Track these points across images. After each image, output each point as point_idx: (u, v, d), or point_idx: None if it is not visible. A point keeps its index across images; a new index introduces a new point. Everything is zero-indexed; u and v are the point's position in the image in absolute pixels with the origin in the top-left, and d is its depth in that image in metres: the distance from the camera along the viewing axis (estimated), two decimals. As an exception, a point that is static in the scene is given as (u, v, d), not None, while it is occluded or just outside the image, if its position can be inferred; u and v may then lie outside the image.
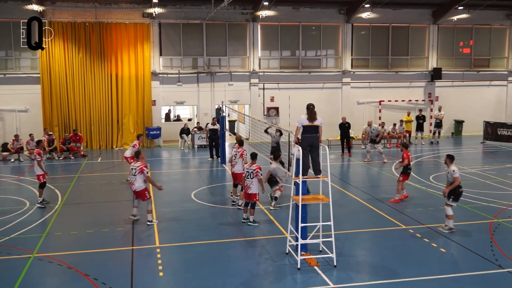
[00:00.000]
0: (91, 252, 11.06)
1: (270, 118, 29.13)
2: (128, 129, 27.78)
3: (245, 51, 29.59)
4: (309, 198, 10.67)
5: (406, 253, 10.92)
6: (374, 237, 12.19)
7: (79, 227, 12.89)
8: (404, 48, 31.50)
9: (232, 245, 11.42)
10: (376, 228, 12.74)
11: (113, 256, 10.82)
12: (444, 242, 11.59)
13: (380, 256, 10.77)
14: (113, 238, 11.94)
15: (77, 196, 16.40)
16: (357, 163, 22.65)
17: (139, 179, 12.83)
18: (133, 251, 11.01)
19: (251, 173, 12.68)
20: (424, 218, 13.42)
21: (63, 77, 26.68)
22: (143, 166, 12.87)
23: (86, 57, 26.91)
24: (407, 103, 31.27)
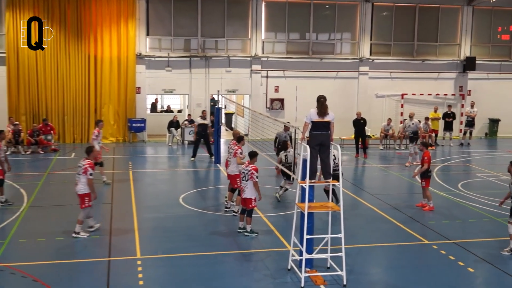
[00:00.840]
0: (61, 263, 11.07)
1: (274, 112, 29.16)
2: (108, 120, 27.79)
3: (246, 33, 29.60)
4: (317, 206, 10.69)
5: (428, 273, 10.94)
6: (391, 252, 12.21)
7: (47, 233, 12.91)
8: (432, 33, 31.51)
9: (226, 259, 11.44)
10: (394, 242, 12.76)
11: (86, 268, 10.83)
12: (473, 261, 11.61)
13: (397, 275, 10.80)
14: (87, 247, 11.97)
15: (46, 197, 16.43)
16: (373, 166, 22.68)
17: (82, 180, 12.53)
18: (109, 263, 11.04)
19: (246, 174, 12.73)
20: (451, 232, 13.44)
21: (32, 58, 26.70)
22: (89, 166, 12.54)
23: (60, 35, 26.91)
24: (434, 98, 31.29)
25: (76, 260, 11.20)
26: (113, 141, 27.82)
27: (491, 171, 21.48)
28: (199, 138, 23.06)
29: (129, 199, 16.31)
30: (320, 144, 10.62)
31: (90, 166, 12.52)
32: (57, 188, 17.79)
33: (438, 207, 15.84)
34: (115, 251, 11.74)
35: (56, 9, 26.71)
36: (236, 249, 12.07)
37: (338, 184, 10.48)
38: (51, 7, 26.64)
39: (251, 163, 12.91)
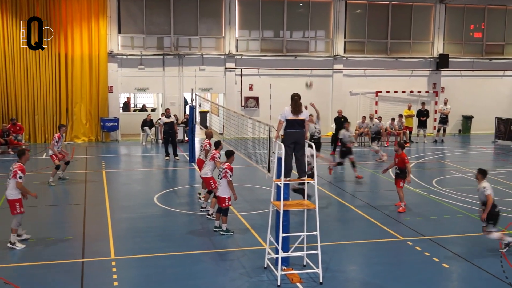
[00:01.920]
0: (32, 265, 10.97)
1: (248, 110, 29.19)
2: (80, 119, 27.56)
3: (220, 30, 29.57)
4: (292, 204, 10.76)
5: (404, 269, 11.09)
6: (366, 249, 12.33)
7: (18, 235, 12.76)
8: (406, 30, 31.86)
9: (201, 258, 11.44)
10: (369, 239, 12.90)
11: (59, 270, 10.74)
12: (447, 256, 11.79)
13: (373, 272, 10.91)
14: (59, 249, 11.86)
15: (16, 198, 16.20)
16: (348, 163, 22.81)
17: (11, 185, 11.93)
18: (83, 264, 10.97)
19: (221, 172, 12.77)
20: (425, 229, 13.63)
21: (1, 56, 26.30)
22: (18, 169, 11.94)
23: (29, 33, 26.56)
24: (408, 95, 31.64)
25: (49, 262, 11.09)
26: (85, 141, 27.58)
27: (465, 167, 21.81)
28: (167, 137, 22.94)
29: (102, 200, 16.20)
30: (294, 142, 10.69)
31: (20, 169, 11.92)
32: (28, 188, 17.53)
33: (412, 204, 16.03)
34: (89, 252, 11.66)
35: (24, 5, 26.30)
36: (212, 248, 12.08)
37: (313, 182, 10.56)
38: (19, 3, 26.23)
39: (227, 162, 12.93)
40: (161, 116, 27.42)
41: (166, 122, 22.88)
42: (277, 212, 10.46)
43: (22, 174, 11.96)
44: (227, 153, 13.26)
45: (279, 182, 10.25)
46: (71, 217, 14.56)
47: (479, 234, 12.66)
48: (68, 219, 14.40)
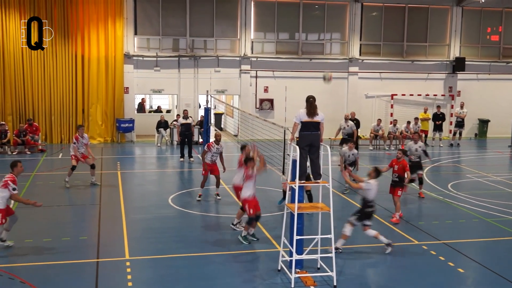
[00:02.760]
0: (48, 264, 11.04)
1: (263, 112, 29.19)
2: (95, 120, 27.73)
3: (235, 32, 29.62)
4: (307, 207, 10.74)
5: (418, 274, 11.02)
6: (381, 253, 12.26)
7: (34, 234, 12.86)
8: (422, 33, 31.70)
9: (215, 260, 11.46)
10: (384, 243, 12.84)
11: (74, 270, 10.81)
12: (463, 261, 11.71)
13: (388, 276, 10.87)
14: (75, 249, 11.93)
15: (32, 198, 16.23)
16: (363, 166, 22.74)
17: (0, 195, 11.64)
18: (98, 264, 11.03)
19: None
20: (441, 233, 13.54)
21: (19, 57, 26.53)
22: (9, 180, 11.71)
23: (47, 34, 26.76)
24: (423, 98, 31.47)
25: (64, 262, 11.17)
26: (101, 142, 27.74)
27: (481, 171, 21.64)
28: (184, 138, 23.02)
29: (117, 200, 16.28)
30: (309, 144, 10.68)
31: (11, 180, 11.70)
32: (44, 189, 17.72)
33: (428, 208, 15.95)
34: (103, 253, 11.72)
35: (42, 7, 26.52)
36: (226, 250, 12.08)
37: (328, 184, 10.53)
38: (37, 6, 26.46)
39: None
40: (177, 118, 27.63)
41: (183, 123, 22.97)
42: (292, 214, 10.45)
43: (15, 186, 11.73)
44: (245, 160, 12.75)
45: (293, 185, 10.24)
46: (86, 217, 14.64)
47: (495, 239, 12.56)
48: (83, 219, 14.48)
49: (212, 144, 16.32)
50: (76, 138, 17.87)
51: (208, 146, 16.30)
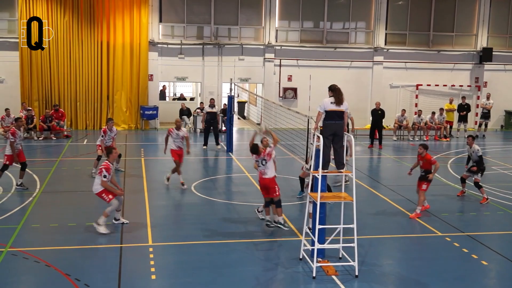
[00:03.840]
0: (73, 248, 11.19)
1: (286, 101, 29.12)
2: (120, 107, 27.94)
3: (260, 21, 29.53)
4: (329, 196, 10.71)
5: (441, 265, 10.93)
6: (403, 244, 12.21)
7: (59, 219, 13.04)
8: (448, 23, 31.26)
9: (237, 247, 11.50)
10: (407, 234, 12.77)
11: (98, 254, 10.96)
12: (487, 253, 11.58)
13: (410, 267, 10.79)
14: (98, 234, 12.06)
15: (58, 183, 16.58)
16: (387, 157, 22.62)
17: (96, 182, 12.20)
18: (121, 250, 11.14)
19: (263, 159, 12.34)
20: (464, 225, 13.42)
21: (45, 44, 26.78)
22: (104, 167, 12.09)
23: (73, 21, 27.00)
24: (449, 89, 31.12)
25: (88, 246, 11.31)
26: (125, 128, 27.96)
27: (506, 163, 21.35)
28: (208, 126, 23.13)
29: (141, 187, 16.41)
30: (333, 134, 10.62)
31: (105, 168, 12.03)
32: (69, 174, 17.94)
33: (452, 200, 15.79)
34: (127, 238, 11.83)
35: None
36: (248, 237, 12.11)
37: (351, 174, 10.47)
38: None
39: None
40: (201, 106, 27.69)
41: (209, 112, 23.11)
42: (314, 203, 10.42)
43: (107, 173, 12.05)
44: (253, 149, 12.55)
45: (316, 174, 10.20)
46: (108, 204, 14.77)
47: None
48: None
49: (172, 130, 16.66)
50: (104, 132, 17.51)
51: (168, 131, 16.74)
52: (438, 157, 22.40)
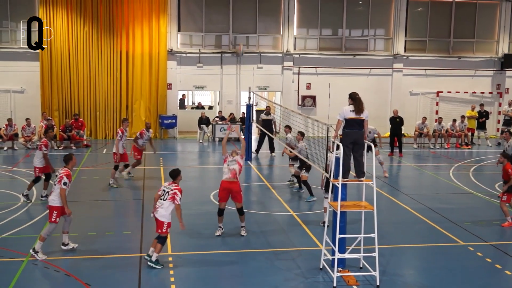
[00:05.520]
0: (92, 258, 11.26)
1: (305, 109, 29.09)
2: (139, 116, 28.10)
3: (278, 29, 29.58)
4: (350, 205, 10.64)
5: (464, 275, 10.80)
6: (425, 254, 12.09)
7: (79, 228, 13.10)
8: (469, 29, 31.02)
9: (257, 257, 11.49)
10: (429, 243, 12.65)
11: (118, 264, 11.00)
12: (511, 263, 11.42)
13: (432, 277, 10.68)
14: (118, 243, 12.13)
15: (77, 192, 16.65)
16: (407, 165, 22.46)
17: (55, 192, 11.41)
18: (141, 259, 11.16)
19: (166, 193, 11.32)
20: (488, 234, 13.24)
21: (65, 54, 27.12)
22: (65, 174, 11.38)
23: (92, 31, 27.29)
24: (470, 96, 30.84)
25: (108, 256, 11.36)
26: (144, 137, 28.07)
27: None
28: (264, 134, 23.45)
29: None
30: (353, 142, 10.55)
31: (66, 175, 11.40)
32: (89, 183, 18.06)
33: (474, 208, 15.61)
34: (146, 247, 11.83)
35: (88, 4, 27.05)
36: (267, 247, 12.08)
37: (372, 183, 10.41)
38: (83, 3, 26.99)
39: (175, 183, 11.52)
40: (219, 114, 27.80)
41: (264, 119, 23.57)
42: (334, 212, 10.37)
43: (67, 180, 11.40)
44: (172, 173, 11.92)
45: (336, 183, 10.15)
46: (130, 212, 14.86)
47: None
48: (127, 214, 14.71)
49: (144, 132, 18.71)
50: (122, 132, 17.64)
51: (140, 133, 18.66)
52: (460, 165, 22.22)
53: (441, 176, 20.13)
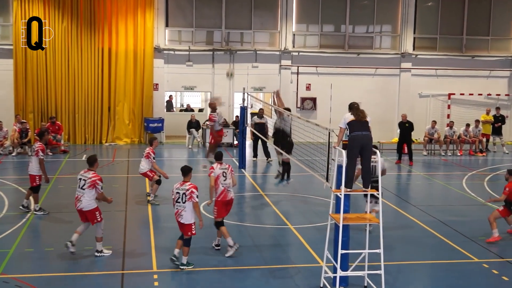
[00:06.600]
0: (70, 275, 11.17)
1: (305, 112, 29.11)
2: (122, 119, 28.05)
3: (275, 24, 29.63)
4: (353, 218, 10.62)
5: (478, 295, 10.80)
6: (436, 271, 12.07)
7: (56, 242, 13.01)
8: (483, 26, 31.17)
9: (251, 274, 11.44)
10: (439, 260, 12.63)
11: (98, 282, 10.94)
12: (529, 282, 11.42)
13: (444, 297, 10.67)
14: (98, 259, 12.05)
15: (54, 202, 16.59)
16: (416, 174, 22.47)
17: (88, 195, 12.27)
18: (123, 277, 11.10)
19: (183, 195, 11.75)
20: (504, 250, 13.26)
21: (41, 52, 26.98)
22: (97, 179, 12.31)
23: (72, 27, 27.25)
24: (485, 98, 30.93)
25: (87, 273, 11.29)
26: (127, 142, 28.05)
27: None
28: (257, 139, 23.81)
29: (144, 206, 16.39)
30: (361, 147, 10.38)
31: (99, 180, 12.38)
32: (66, 193, 17.95)
33: (489, 221, 15.60)
34: (129, 264, 11.79)
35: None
36: (262, 263, 12.04)
37: (378, 193, 10.37)
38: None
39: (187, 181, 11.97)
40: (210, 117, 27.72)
41: (257, 123, 23.77)
42: (336, 226, 10.34)
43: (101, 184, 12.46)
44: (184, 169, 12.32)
45: (339, 193, 10.12)
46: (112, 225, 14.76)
47: None
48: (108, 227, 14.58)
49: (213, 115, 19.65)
50: (153, 153, 17.13)
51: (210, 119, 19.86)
52: (474, 174, 22.24)
53: (453, 186, 20.15)
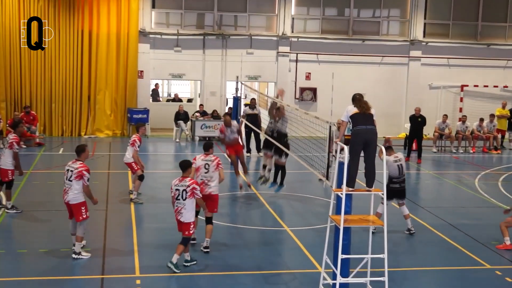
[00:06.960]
0: (44, 279, 11.17)
1: (304, 103, 29.12)
2: (103, 109, 28.01)
3: (273, 7, 29.63)
4: (355, 220, 10.64)
5: (490, 305, 10.86)
6: (444, 278, 12.13)
7: (29, 244, 13.03)
8: (500, 11, 31.25)
9: (243, 280, 11.46)
10: (449, 266, 12.68)
11: (75, 287, 10.95)
12: (546, 291, 11.50)
13: (453, 307, 10.73)
14: (75, 262, 12.04)
15: (28, 200, 16.56)
16: (425, 172, 22.54)
17: (75, 187, 12.23)
18: (103, 282, 11.11)
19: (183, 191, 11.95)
20: (519, 256, 13.32)
21: (15, 34, 26.93)
22: (84, 169, 12.20)
23: (48, 7, 27.16)
24: (501, 91, 31.02)
25: (63, 277, 11.29)
26: (109, 135, 28.03)
27: None
28: (249, 131, 23.78)
29: (127, 205, 16.38)
30: (365, 142, 10.38)
31: (86, 170, 12.23)
32: (41, 189, 17.96)
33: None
34: (110, 268, 11.79)
35: (44, -25, 26.98)
36: (255, 268, 12.07)
37: (382, 193, 10.41)
38: (38, -27, 26.92)
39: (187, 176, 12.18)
40: (200, 109, 27.83)
41: (249, 114, 23.72)
42: (336, 228, 10.36)
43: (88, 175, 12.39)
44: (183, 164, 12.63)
45: (340, 193, 10.13)
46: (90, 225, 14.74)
47: None
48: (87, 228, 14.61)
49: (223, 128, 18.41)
50: (139, 140, 16.98)
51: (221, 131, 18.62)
52: (487, 173, 22.31)
53: (465, 186, 20.22)
